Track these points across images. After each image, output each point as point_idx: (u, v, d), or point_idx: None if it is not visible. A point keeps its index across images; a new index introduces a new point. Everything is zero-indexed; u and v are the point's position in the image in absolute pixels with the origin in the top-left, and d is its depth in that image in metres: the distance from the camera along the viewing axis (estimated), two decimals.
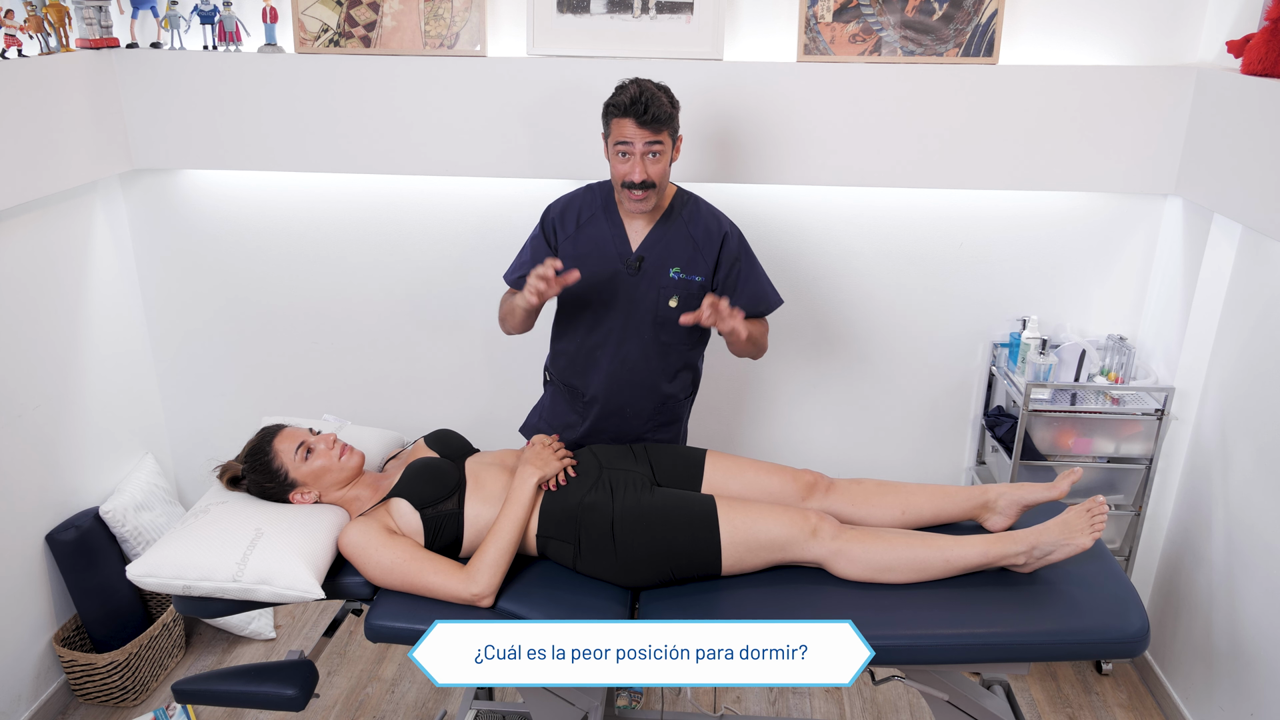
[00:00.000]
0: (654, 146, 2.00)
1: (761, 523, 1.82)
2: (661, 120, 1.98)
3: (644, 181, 2.02)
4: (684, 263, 2.14)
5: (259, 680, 1.77)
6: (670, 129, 2.02)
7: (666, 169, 2.05)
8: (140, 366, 2.94)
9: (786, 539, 1.80)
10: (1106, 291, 2.72)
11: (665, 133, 2.00)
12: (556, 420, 2.33)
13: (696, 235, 2.15)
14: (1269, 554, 2.20)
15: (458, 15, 2.51)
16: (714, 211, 2.20)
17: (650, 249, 2.14)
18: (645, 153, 2.00)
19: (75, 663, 2.56)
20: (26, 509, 2.47)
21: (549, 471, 1.89)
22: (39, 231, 2.48)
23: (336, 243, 2.82)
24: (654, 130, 1.99)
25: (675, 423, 2.32)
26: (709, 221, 2.16)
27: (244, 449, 1.97)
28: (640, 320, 2.17)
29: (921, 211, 2.68)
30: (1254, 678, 2.25)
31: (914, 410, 2.90)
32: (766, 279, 2.24)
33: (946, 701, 1.90)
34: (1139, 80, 2.40)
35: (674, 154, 2.07)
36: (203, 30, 2.56)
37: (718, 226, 2.16)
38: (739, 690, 2.71)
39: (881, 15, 2.43)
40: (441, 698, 2.68)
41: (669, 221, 2.15)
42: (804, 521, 1.81)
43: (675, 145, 2.07)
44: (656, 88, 2.01)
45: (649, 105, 1.96)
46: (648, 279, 2.14)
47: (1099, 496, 1.82)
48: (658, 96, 1.98)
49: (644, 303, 2.16)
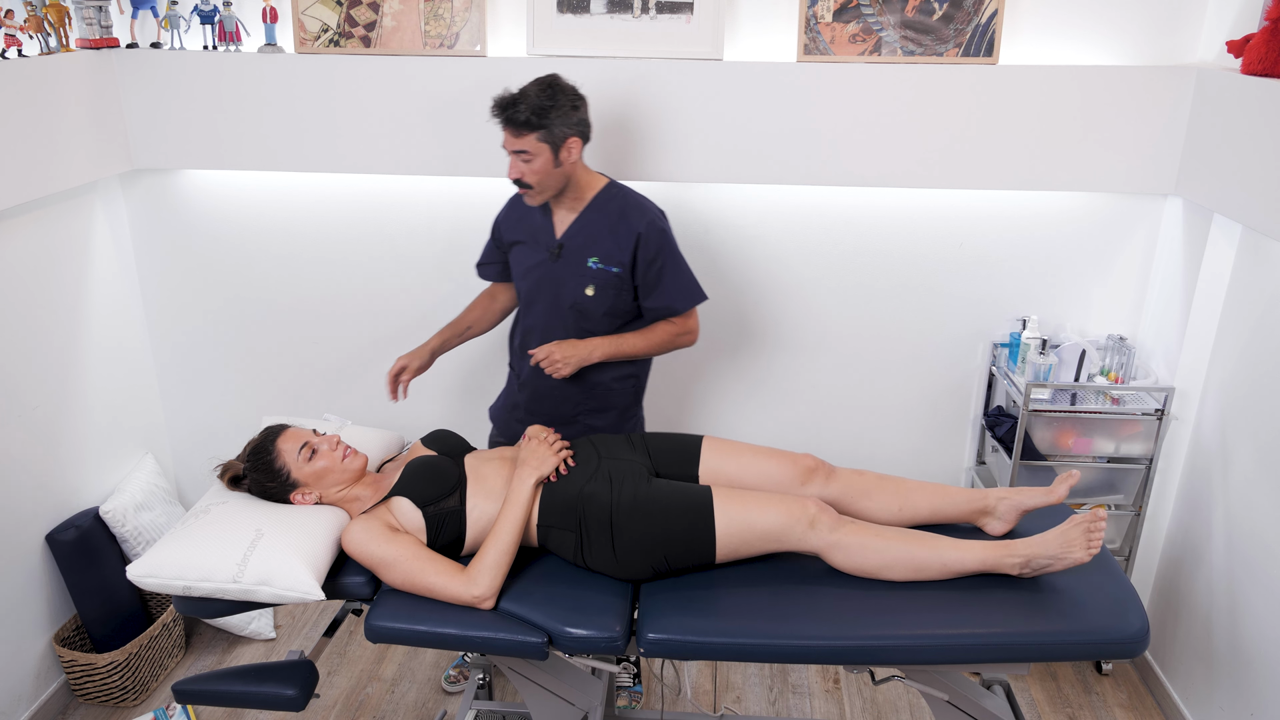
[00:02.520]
0: (519, 150, 2.07)
1: (757, 513, 1.81)
2: (519, 124, 2.04)
3: (518, 180, 2.11)
4: (602, 253, 2.19)
5: (259, 680, 1.77)
6: (541, 133, 2.04)
7: (544, 169, 2.09)
8: (140, 366, 2.94)
9: (782, 529, 1.80)
10: (1106, 291, 2.72)
11: (529, 137, 2.04)
12: (507, 401, 2.44)
13: (617, 228, 2.19)
14: (1269, 554, 2.20)
15: (458, 15, 2.51)
16: (641, 207, 2.21)
17: (571, 238, 2.21)
18: (514, 154, 2.08)
19: (75, 663, 2.56)
20: (26, 509, 2.47)
21: (545, 469, 1.89)
22: (39, 231, 2.48)
23: (336, 243, 2.82)
24: (515, 134, 2.06)
25: (610, 409, 2.33)
26: (630, 217, 2.19)
27: (246, 448, 1.97)
28: (562, 307, 2.24)
29: (921, 211, 2.68)
30: (1254, 678, 2.25)
31: (914, 410, 2.90)
32: (684, 281, 2.23)
33: (946, 701, 1.90)
34: (1139, 80, 2.40)
35: (562, 153, 2.09)
36: (203, 30, 2.56)
37: (637, 223, 2.18)
38: (739, 690, 2.71)
39: (881, 15, 2.43)
40: (441, 698, 2.68)
41: (592, 212, 2.20)
42: (801, 512, 1.81)
43: (562, 145, 2.08)
44: (538, 89, 2.05)
45: (508, 109, 2.05)
46: (568, 267, 2.21)
47: (1100, 511, 1.81)
48: (524, 102, 2.03)
49: (565, 290, 2.22)
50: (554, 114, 2.04)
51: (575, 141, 2.11)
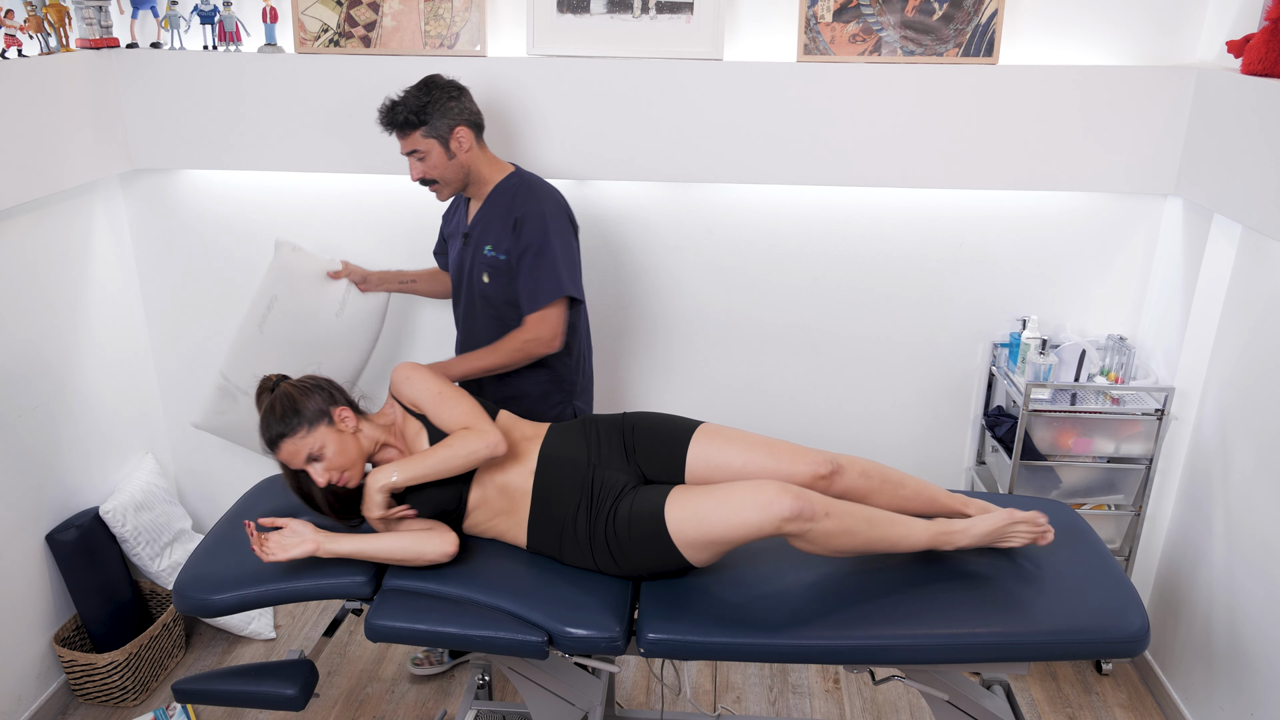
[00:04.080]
0: (412, 150, 2.16)
1: (719, 527, 1.72)
2: (400, 125, 2.14)
3: (421, 180, 2.20)
4: (494, 241, 2.23)
5: (259, 680, 1.77)
6: (424, 129, 2.13)
7: (439, 164, 2.17)
8: (140, 366, 2.94)
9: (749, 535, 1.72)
10: (1106, 291, 2.72)
11: (414, 135, 2.14)
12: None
13: (506, 216, 2.22)
14: (1269, 554, 2.20)
15: (458, 15, 2.51)
16: (530, 194, 2.23)
17: (474, 226, 2.28)
18: (408, 156, 2.18)
19: (75, 663, 2.56)
20: (26, 509, 2.47)
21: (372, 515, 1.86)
22: (39, 231, 2.48)
23: (336, 243, 2.82)
24: (401, 135, 2.16)
25: (524, 399, 2.33)
26: (516, 203, 2.22)
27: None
28: (472, 293, 2.33)
29: (921, 211, 2.68)
30: (1254, 678, 2.25)
31: (914, 410, 2.90)
32: (542, 277, 2.18)
33: (946, 701, 1.90)
34: (1139, 80, 2.40)
35: (452, 144, 2.16)
36: (203, 30, 2.56)
37: (518, 209, 2.21)
38: (738, 690, 2.71)
39: (881, 15, 2.43)
40: (442, 698, 2.68)
41: (491, 201, 2.25)
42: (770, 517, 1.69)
43: (450, 137, 2.15)
44: (414, 89, 2.14)
45: (388, 114, 2.14)
46: (474, 255, 2.28)
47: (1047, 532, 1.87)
48: (402, 104, 2.12)
49: (473, 278, 2.30)
50: (432, 108, 2.12)
51: (463, 131, 2.17)
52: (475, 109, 2.21)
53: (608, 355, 2.90)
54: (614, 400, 2.95)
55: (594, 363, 2.91)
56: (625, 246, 2.77)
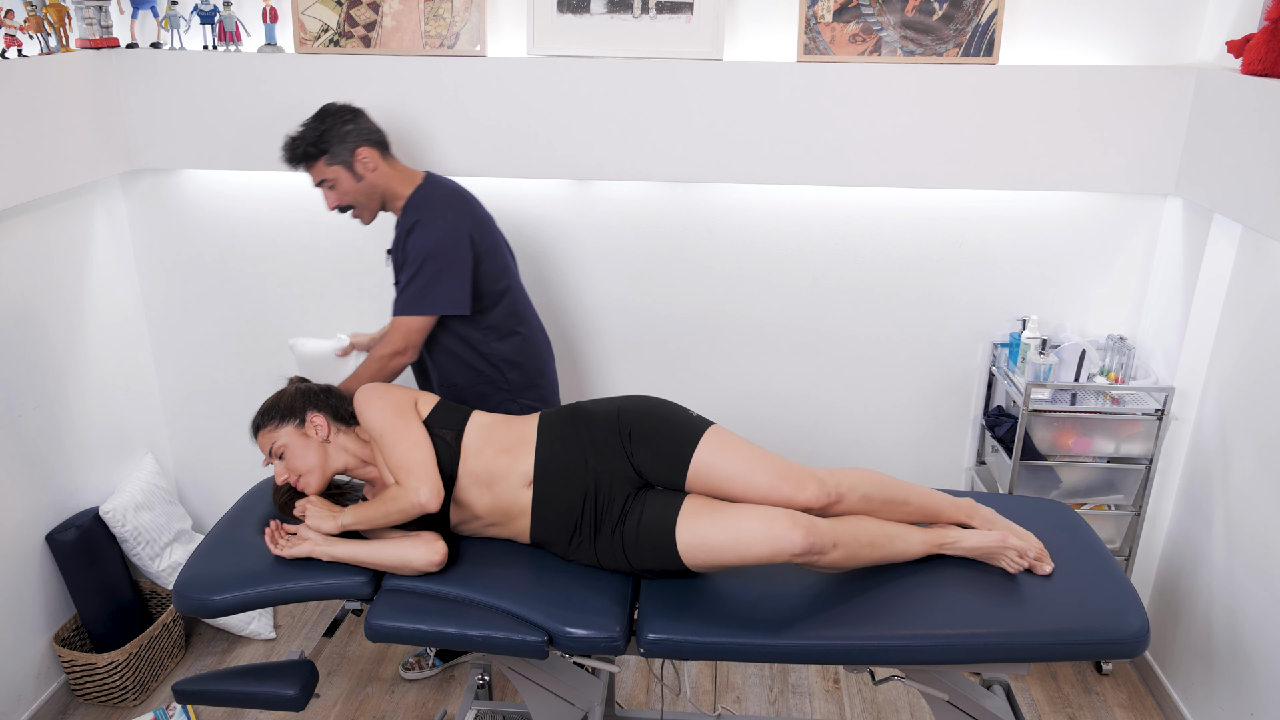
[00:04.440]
0: (320, 181, 2.20)
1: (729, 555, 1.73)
2: (301, 159, 2.18)
3: (338, 208, 2.23)
4: (400, 252, 2.24)
5: (259, 680, 1.77)
6: (325, 157, 2.16)
7: (350, 188, 2.20)
8: (140, 366, 2.94)
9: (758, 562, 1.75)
10: (1106, 291, 2.72)
11: (318, 165, 2.17)
12: None
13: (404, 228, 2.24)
14: (1269, 554, 2.20)
15: (458, 15, 2.51)
16: (422, 205, 2.22)
17: (394, 244, 2.29)
18: (319, 186, 2.21)
19: (75, 663, 2.56)
20: (26, 509, 2.47)
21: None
22: (39, 231, 2.48)
23: (336, 243, 2.82)
24: (307, 168, 2.19)
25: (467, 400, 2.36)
26: (410, 216, 2.22)
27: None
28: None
29: (921, 211, 2.68)
30: (1254, 678, 2.25)
31: (914, 410, 2.90)
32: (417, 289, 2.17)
33: (946, 701, 1.90)
34: (1139, 80, 2.40)
35: (358, 167, 2.18)
36: (203, 30, 2.56)
37: (407, 220, 2.22)
38: (738, 690, 2.71)
39: (881, 15, 2.43)
40: (441, 698, 2.68)
41: (404, 215, 2.26)
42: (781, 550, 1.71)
43: (353, 161, 2.17)
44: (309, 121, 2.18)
45: (289, 151, 2.18)
46: (397, 272, 2.28)
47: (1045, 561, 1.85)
48: (299, 138, 2.16)
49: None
50: (329, 136, 2.15)
51: (366, 151, 2.18)
52: (374, 127, 2.23)
53: (607, 354, 2.90)
54: None
55: (594, 362, 2.92)
56: (625, 246, 2.77)
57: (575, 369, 2.92)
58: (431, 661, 2.77)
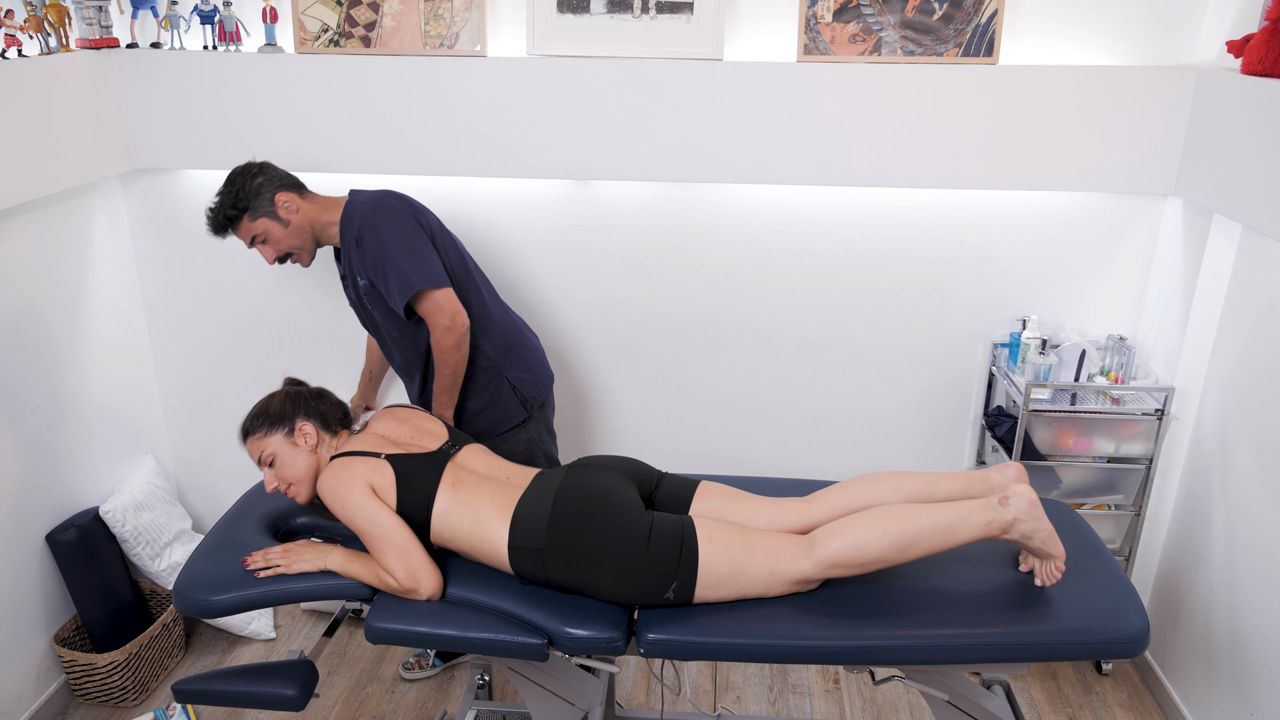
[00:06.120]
0: (253, 238, 2.21)
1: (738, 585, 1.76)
2: (225, 226, 2.21)
3: (279, 259, 2.25)
4: (359, 269, 2.24)
5: (259, 680, 1.77)
6: (247, 216, 2.19)
7: (281, 236, 2.22)
8: (140, 366, 2.94)
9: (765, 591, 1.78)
10: (1106, 291, 2.72)
11: (244, 225, 2.20)
12: None
13: (351, 245, 2.24)
14: (1269, 554, 2.20)
15: (458, 15, 2.51)
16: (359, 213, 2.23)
17: (344, 266, 2.30)
18: (252, 243, 2.23)
19: (75, 663, 2.56)
20: (26, 509, 2.47)
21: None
22: (39, 231, 2.48)
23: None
24: (236, 231, 2.22)
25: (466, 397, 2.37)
26: (350, 229, 2.23)
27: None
28: (377, 326, 2.35)
29: (921, 211, 2.68)
30: (1254, 678, 2.25)
31: (914, 410, 2.90)
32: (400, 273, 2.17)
33: (946, 701, 1.90)
34: (1139, 80, 2.40)
35: (282, 214, 2.20)
36: (203, 30, 2.56)
37: (351, 233, 2.23)
38: (739, 690, 2.71)
39: (881, 15, 2.43)
40: (441, 698, 2.68)
41: (344, 237, 2.26)
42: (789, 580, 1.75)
43: (276, 209, 2.19)
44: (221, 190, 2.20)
45: (212, 222, 2.21)
46: (355, 291, 2.30)
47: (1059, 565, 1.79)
48: (217, 207, 2.20)
49: (368, 310, 2.32)
50: (244, 194, 2.19)
51: (284, 196, 2.21)
52: (283, 173, 2.25)
53: (607, 355, 2.90)
54: (614, 399, 2.95)
55: (593, 362, 2.92)
56: (625, 246, 2.77)
57: (575, 369, 2.92)
58: (431, 661, 2.77)
